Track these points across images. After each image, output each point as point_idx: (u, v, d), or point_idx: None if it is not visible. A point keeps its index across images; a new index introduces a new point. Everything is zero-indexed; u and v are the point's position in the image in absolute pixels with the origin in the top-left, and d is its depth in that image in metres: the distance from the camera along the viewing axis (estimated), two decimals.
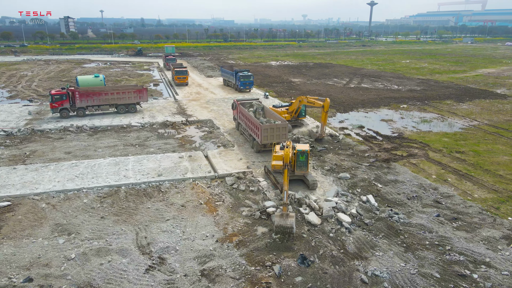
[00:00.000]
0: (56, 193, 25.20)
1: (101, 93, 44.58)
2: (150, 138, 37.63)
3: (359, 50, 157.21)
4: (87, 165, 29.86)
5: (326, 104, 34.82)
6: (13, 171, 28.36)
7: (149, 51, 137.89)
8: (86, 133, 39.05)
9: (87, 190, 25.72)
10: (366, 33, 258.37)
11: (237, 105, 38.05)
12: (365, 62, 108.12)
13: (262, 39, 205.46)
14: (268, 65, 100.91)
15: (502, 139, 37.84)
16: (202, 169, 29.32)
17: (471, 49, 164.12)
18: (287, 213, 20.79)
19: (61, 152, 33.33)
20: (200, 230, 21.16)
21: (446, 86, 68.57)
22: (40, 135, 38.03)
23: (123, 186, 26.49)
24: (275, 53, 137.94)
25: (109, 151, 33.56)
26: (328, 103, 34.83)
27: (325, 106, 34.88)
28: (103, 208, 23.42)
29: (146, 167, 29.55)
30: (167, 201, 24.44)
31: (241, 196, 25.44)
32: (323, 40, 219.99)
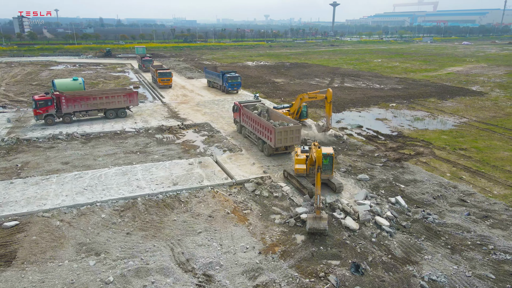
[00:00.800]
0: (67, 209, 23.18)
1: (89, 97, 42.00)
2: (150, 144, 35.80)
3: (329, 50, 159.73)
4: (93, 176, 27.80)
5: (329, 95, 34.39)
6: (11, 186, 25.87)
7: (117, 52, 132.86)
8: (78, 141, 36.56)
9: (101, 204, 23.86)
10: (332, 33, 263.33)
11: (240, 107, 37.00)
12: (339, 62, 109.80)
13: (230, 39, 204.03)
14: (245, 65, 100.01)
15: (495, 135, 39.22)
16: (218, 176, 28.12)
17: (433, 48, 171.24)
18: (320, 216, 20.35)
19: (57, 162, 30.91)
20: (238, 241, 20.09)
21: (424, 85, 70.72)
22: (27, 145, 35.15)
23: (138, 197, 24.83)
24: (248, 53, 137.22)
25: (111, 160, 31.53)
26: (331, 93, 34.41)
27: (328, 97, 34.47)
28: (125, 223, 21.75)
29: (157, 176, 27.94)
30: (192, 212, 23.11)
31: (267, 203, 24.55)
32: (291, 40, 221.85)
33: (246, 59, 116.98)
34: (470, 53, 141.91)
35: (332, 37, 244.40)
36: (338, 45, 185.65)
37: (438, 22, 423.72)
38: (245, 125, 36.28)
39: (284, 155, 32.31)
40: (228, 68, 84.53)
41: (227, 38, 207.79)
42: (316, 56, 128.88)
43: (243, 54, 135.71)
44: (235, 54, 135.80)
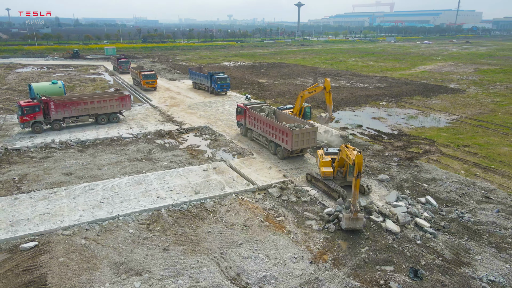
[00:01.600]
0: (88, 225, 21.37)
1: (80, 102, 39.45)
2: (153, 150, 34.06)
3: (301, 49, 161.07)
4: (105, 187, 25.92)
5: (327, 85, 33.64)
6: (17, 202, 23.57)
7: (85, 53, 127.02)
8: (74, 149, 34.16)
9: (123, 218, 22.21)
10: (299, 33, 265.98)
11: (245, 110, 36.02)
12: (315, 61, 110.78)
13: (199, 39, 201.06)
14: (223, 66, 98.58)
15: (490, 131, 40.62)
16: (238, 182, 27.08)
17: (398, 47, 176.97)
18: (357, 217, 20.16)
19: (58, 174, 28.63)
20: (284, 251, 19.24)
21: (404, 83, 72.59)
22: (18, 155, 32.39)
23: (162, 209, 23.38)
24: (222, 54, 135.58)
25: (117, 169, 29.63)
26: (329, 82, 33.63)
27: (327, 87, 33.72)
28: (157, 238, 20.31)
29: (175, 184, 26.50)
30: (224, 222, 21.99)
31: (297, 208, 23.84)
32: (260, 40, 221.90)
33: (221, 59, 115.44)
34: (435, 52, 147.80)
35: (300, 37, 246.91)
36: (308, 45, 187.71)
37: (395, 22, 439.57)
38: (252, 128, 35.35)
39: (298, 158, 31.73)
40: (209, 68, 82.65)
41: (196, 38, 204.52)
42: (290, 56, 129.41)
43: (216, 54, 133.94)
44: (208, 54, 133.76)
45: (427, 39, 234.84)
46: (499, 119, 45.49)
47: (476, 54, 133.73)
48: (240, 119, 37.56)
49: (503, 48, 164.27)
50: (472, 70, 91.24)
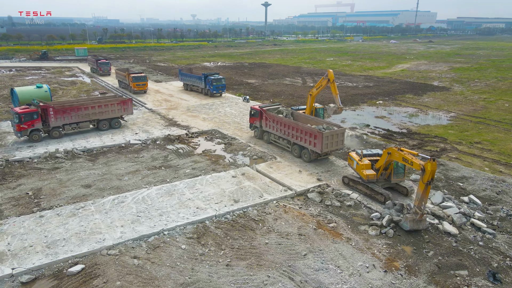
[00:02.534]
0: (133, 242, 19.64)
1: (80, 107, 36.83)
2: (169, 157, 32.28)
3: (275, 49, 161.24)
4: (135, 199, 24.09)
5: (330, 76, 33.63)
6: (45, 221, 21.34)
7: (53, 54, 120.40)
8: (82, 159, 31.75)
9: (169, 232, 20.64)
10: (268, 32, 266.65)
11: (262, 112, 34.98)
12: (295, 61, 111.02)
13: (170, 39, 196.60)
14: (204, 66, 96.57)
15: (492, 128, 41.87)
16: (274, 188, 26.07)
17: (368, 46, 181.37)
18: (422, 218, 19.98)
19: (76, 186, 26.38)
20: (352, 260, 18.49)
21: (390, 81, 74.04)
22: (22, 167, 29.63)
23: (206, 220, 21.99)
24: (199, 54, 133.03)
25: (138, 179, 27.74)
26: (331, 73, 33.72)
27: (331, 78, 33.68)
28: (214, 253, 18.96)
29: (209, 193, 25.10)
30: (277, 232, 20.94)
31: (344, 213, 23.19)
32: (231, 39, 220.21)
33: (200, 60, 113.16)
34: (404, 51, 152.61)
35: (269, 37, 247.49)
36: (280, 45, 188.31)
37: (358, 22, 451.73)
38: (270, 131, 34.37)
39: (324, 160, 31.11)
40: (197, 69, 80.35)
41: (166, 39, 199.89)
42: (267, 55, 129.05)
43: (193, 55, 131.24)
44: (184, 55, 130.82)
45: (393, 39, 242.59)
46: (495, 116, 47.09)
47: (443, 53, 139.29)
48: (254, 122, 36.45)
49: (465, 47, 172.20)
50: (447, 68, 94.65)
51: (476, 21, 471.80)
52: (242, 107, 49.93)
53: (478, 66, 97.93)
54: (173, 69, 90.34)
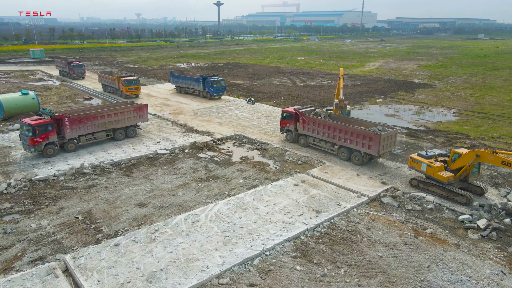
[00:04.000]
0: (239, 267, 17.61)
1: (96, 116, 33.17)
2: (211, 167, 29.97)
3: (240, 49, 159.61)
4: (209, 216, 21.83)
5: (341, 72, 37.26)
6: (124, 250, 18.54)
7: (2, 57, 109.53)
8: (115, 173, 28.51)
9: (270, 252, 18.79)
10: (224, 32, 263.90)
11: (298, 115, 33.67)
12: (268, 61, 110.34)
13: (125, 39, 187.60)
14: (180, 67, 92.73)
15: (500, 123, 43.75)
16: (343, 194, 24.97)
17: (328, 45, 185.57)
18: None
19: (129, 205, 23.49)
20: (479, 269, 17.88)
21: (374, 80, 75.71)
22: (52, 187, 25.93)
23: (300, 235, 20.37)
24: (166, 55, 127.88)
25: (193, 193, 25.36)
26: (342, 70, 37.84)
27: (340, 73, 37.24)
28: (335, 272, 17.46)
29: (283, 204, 23.45)
30: (380, 242, 19.85)
31: (430, 217, 22.66)
32: (189, 39, 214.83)
33: (171, 61, 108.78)
34: (364, 49, 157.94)
35: (226, 36, 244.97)
36: (242, 44, 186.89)
37: (305, 22, 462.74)
38: (310, 134, 33.16)
39: (374, 162, 30.44)
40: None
41: (120, 39, 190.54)
42: (237, 55, 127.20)
43: (159, 55, 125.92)
44: (151, 55, 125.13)
45: (343, 38, 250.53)
46: (492, 110, 49.46)
47: (401, 51, 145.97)
48: (287, 125, 35.05)
49: (416, 46, 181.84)
50: (416, 66, 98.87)
51: (413, 21, 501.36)
52: (251, 110, 48.16)
53: (441, 64, 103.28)
54: (148, 70, 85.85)
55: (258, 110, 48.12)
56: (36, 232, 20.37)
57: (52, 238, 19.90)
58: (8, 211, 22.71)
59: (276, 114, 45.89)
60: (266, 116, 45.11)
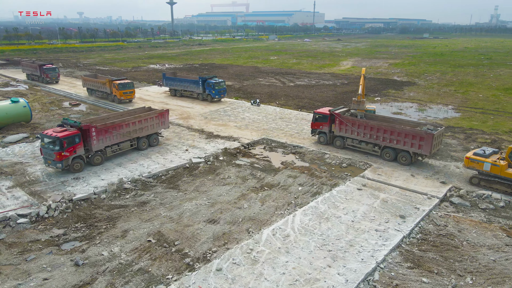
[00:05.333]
0: (364, 285, 16.42)
1: (122, 124, 30.17)
2: (258, 174, 28.34)
3: (205, 49, 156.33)
4: (295, 229, 20.40)
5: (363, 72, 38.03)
6: (231, 275, 16.67)
7: None
8: (161, 187, 26.02)
9: (385, 265, 17.79)
10: (179, 32, 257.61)
11: (335, 116, 32.90)
12: (243, 61, 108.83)
13: (80, 40, 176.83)
14: (153, 69, 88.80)
15: (501, 118, 45.90)
16: (412, 197, 24.58)
17: (291, 45, 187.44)
18: None
19: (199, 222, 21.42)
20: None
21: (358, 78, 76.92)
22: (98, 207, 23.03)
23: (402, 244, 19.61)
24: (133, 56, 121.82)
25: (258, 204, 23.75)
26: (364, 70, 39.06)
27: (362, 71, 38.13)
28: (463, 281, 16.81)
29: (362, 211, 22.59)
30: (482, 245, 19.57)
31: (508, 215, 22.80)
32: (146, 40, 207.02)
33: (141, 62, 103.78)
34: (328, 49, 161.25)
35: (183, 36, 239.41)
36: (205, 44, 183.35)
37: (257, 21, 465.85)
38: (348, 135, 32.51)
39: (420, 162, 30.35)
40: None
41: (73, 39, 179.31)
42: (208, 56, 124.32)
43: (125, 56, 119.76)
44: (116, 56, 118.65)
45: (305, 37, 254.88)
46: (486, 106, 51.93)
47: (364, 50, 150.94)
48: (320, 127, 34.14)
49: (374, 44, 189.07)
50: (387, 65, 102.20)
51: (359, 21, 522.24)
52: (261, 112, 46.71)
53: (409, 62, 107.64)
54: (123, 73, 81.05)
55: (267, 112, 46.77)
56: (114, 261, 17.75)
57: (136, 267, 17.42)
58: (64, 238, 19.67)
59: (290, 115, 44.89)
60: (280, 118, 43.90)
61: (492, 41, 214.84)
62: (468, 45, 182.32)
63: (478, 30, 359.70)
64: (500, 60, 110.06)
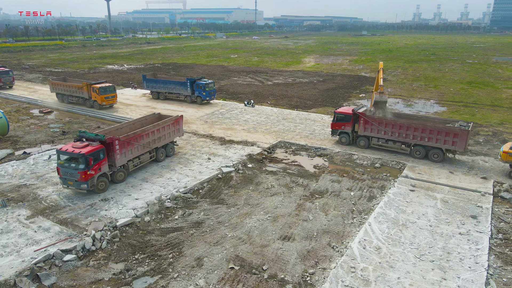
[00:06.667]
0: None
1: (142, 134, 26.87)
2: (298, 181, 26.76)
3: (157, 47, 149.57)
4: (380, 240, 19.24)
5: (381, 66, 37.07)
6: None
7: None
8: (205, 203, 23.47)
9: (493, 272, 17.26)
10: (120, 30, 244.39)
11: (361, 116, 32.23)
12: (205, 60, 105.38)
13: (11, 38, 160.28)
14: (114, 70, 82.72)
15: (484, 110, 48.56)
16: (468, 195, 24.54)
17: (243, 42, 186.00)
18: None
19: (275, 240, 19.50)
20: None
21: (332, 76, 77.65)
22: (148, 232, 20.08)
23: (492, 247, 19.22)
24: (82, 56, 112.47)
25: (322, 215, 22.26)
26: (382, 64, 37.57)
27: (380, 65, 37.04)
28: None
29: (431, 214, 22.06)
30: None
31: None
32: (86, 38, 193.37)
33: (95, 62, 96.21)
34: (282, 46, 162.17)
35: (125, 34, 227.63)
36: (154, 43, 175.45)
37: (197, 19, 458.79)
38: (374, 135, 32.00)
39: (450, 159, 30.64)
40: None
41: (3, 37, 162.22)
42: (163, 55, 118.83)
43: (74, 56, 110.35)
44: (61, 57, 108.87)
45: (251, 35, 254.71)
46: (464, 99, 54.71)
47: (316, 47, 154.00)
48: (342, 127, 33.30)
49: (322, 42, 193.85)
50: (347, 61, 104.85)
51: (297, 19, 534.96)
52: (260, 113, 44.91)
53: (366, 58, 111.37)
54: (82, 75, 74.39)
55: (266, 113, 45.10)
56: None
57: None
58: (131, 274, 16.64)
59: (291, 116, 43.66)
60: (283, 119, 42.46)
61: (424, 38, 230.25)
62: (406, 41, 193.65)
63: (407, 27, 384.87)
64: (444, 56, 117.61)
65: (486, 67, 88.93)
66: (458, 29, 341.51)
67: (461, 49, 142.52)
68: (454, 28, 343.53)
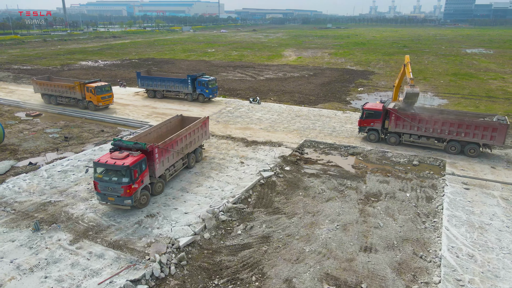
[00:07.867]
0: None
1: (177, 140, 24.34)
2: (347, 184, 25.41)
3: (126, 42, 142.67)
4: (466, 245, 18.26)
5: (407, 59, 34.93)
6: None
7: None
8: (261, 214, 21.53)
9: None
10: (81, 23, 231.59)
11: (391, 112, 31.28)
12: (185, 55, 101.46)
13: None
14: (89, 66, 77.49)
15: (483, 102, 49.53)
16: None
17: (214, 36, 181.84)
18: None
19: (357, 253, 18.03)
20: None
21: (320, 69, 76.86)
22: (211, 251, 17.92)
23: None
24: (48, 52, 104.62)
25: (390, 220, 21.05)
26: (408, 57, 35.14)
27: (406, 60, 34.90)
28: None
29: (500, 213, 21.44)
30: None
31: None
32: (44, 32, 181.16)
33: (65, 59, 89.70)
34: (255, 40, 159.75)
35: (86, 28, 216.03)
36: (120, 37, 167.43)
37: (157, 12, 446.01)
38: (406, 131, 31.20)
39: (485, 154, 30.35)
40: (75, 73, 62.22)
41: None
42: (136, 49, 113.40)
43: (39, 52, 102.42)
44: (25, 53, 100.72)
45: (215, 28, 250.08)
46: (459, 91, 55.68)
47: (288, 40, 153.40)
48: (370, 124, 32.24)
49: (291, 35, 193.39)
50: (327, 55, 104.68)
51: (258, 12, 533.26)
52: (270, 110, 43.08)
53: (343, 52, 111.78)
54: (55, 72, 68.91)
55: (276, 110, 43.34)
56: None
57: None
58: None
59: (303, 112, 42.28)
60: (297, 116, 40.90)
61: (387, 31, 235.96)
62: (373, 34, 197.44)
63: (367, 20, 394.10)
64: (416, 48, 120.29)
65: (461, 59, 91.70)
66: (413, 22, 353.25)
67: (427, 41, 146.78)
68: (409, 21, 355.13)
